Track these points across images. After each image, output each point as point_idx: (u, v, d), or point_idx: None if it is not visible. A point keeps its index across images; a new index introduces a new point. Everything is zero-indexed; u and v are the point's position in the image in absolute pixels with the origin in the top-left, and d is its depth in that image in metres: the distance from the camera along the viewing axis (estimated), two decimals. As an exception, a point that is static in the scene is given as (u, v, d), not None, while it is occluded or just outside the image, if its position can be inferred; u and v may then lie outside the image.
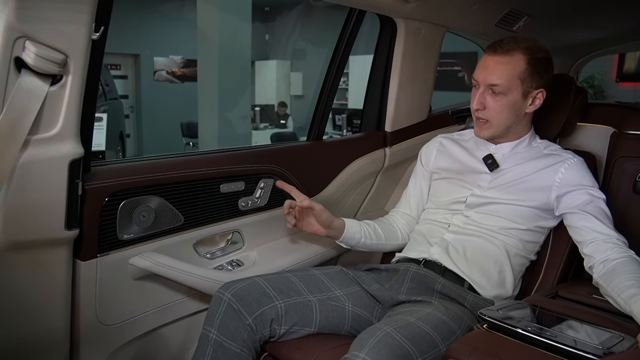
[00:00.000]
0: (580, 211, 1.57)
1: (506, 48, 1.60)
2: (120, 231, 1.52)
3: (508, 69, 1.59)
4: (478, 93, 1.63)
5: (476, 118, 1.67)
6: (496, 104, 1.62)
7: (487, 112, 1.63)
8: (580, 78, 6.98)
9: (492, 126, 1.65)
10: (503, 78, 1.59)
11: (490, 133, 1.67)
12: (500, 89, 1.59)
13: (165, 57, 10.90)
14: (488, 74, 1.60)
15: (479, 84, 1.63)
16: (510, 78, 1.59)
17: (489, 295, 1.60)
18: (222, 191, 1.75)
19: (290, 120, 9.88)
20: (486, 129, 1.66)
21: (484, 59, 1.64)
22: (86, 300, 1.49)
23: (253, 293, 1.47)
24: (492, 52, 1.62)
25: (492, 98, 1.62)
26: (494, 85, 1.59)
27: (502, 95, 1.60)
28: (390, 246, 1.88)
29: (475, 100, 1.63)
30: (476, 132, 1.70)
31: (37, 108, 1.19)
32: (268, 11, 11.72)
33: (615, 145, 1.92)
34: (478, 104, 1.63)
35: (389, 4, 1.85)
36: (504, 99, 1.61)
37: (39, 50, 1.14)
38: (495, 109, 1.62)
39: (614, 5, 2.33)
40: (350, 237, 1.81)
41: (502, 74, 1.59)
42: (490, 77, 1.60)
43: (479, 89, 1.63)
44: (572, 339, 1.14)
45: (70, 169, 1.30)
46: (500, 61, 1.60)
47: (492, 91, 1.61)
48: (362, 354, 1.16)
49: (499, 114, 1.63)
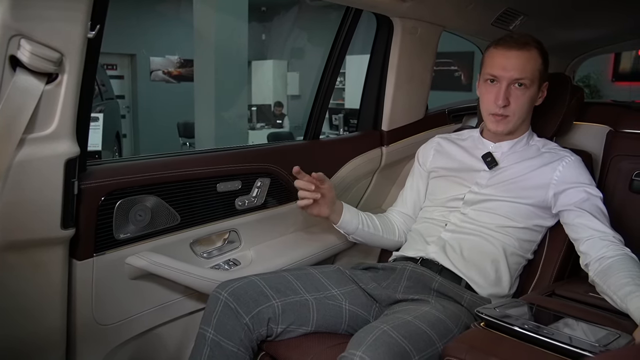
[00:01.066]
0: (577, 209, 1.57)
1: (522, 42, 1.60)
2: (116, 230, 1.52)
3: (530, 62, 1.60)
4: (502, 89, 1.60)
5: (495, 114, 1.64)
6: (520, 98, 1.61)
7: (511, 107, 1.62)
8: (576, 77, 6.98)
9: (512, 120, 1.64)
10: (528, 71, 1.59)
11: (509, 127, 1.66)
12: (526, 82, 1.60)
13: (162, 57, 10.89)
14: (512, 68, 1.59)
15: (501, 80, 1.61)
16: (533, 71, 1.60)
17: (486, 294, 1.60)
18: (218, 190, 1.75)
19: (287, 120, 9.87)
20: (506, 123, 1.64)
21: (501, 55, 1.61)
22: (82, 299, 1.48)
23: (250, 292, 1.46)
24: (507, 47, 1.60)
25: (517, 92, 1.61)
26: (520, 79, 1.59)
27: (525, 88, 1.61)
28: (386, 240, 1.88)
29: (501, 97, 1.60)
30: (492, 128, 1.67)
31: (32, 107, 1.19)
32: (265, 11, 11.72)
33: (611, 144, 1.92)
34: (504, 100, 1.60)
35: (386, 3, 1.85)
36: (527, 92, 1.61)
37: (34, 48, 1.14)
38: (519, 104, 1.62)
39: (610, 5, 2.34)
40: (349, 222, 1.80)
41: (525, 67, 1.59)
42: (516, 71, 1.59)
43: (501, 85, 1.60)
44: (569, 337, 1.14)
45: (66, 168, 1.29)
46: (521, 55, 1.59)
47: (518, 85, 1.60)
48: (360, 352, 1.16)
49: (521, 108, 1.63)
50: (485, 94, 1.66)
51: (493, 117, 1.65)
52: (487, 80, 1.64)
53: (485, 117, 1.69)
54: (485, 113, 1.68)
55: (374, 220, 1.86)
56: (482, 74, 1.67)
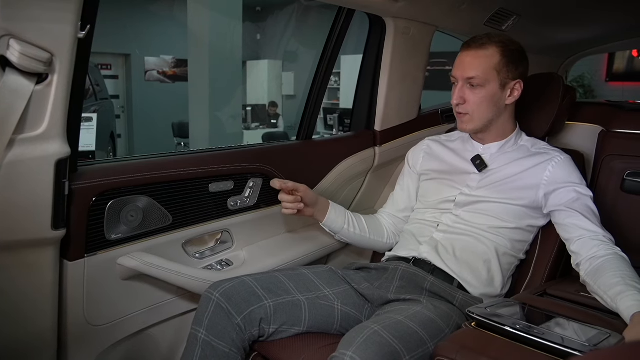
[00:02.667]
0: (567, 209, 1.57)
1: (480, 42, 1.63)
2: (108, 231, 1.51)
3: (483, 61, 1.62)
4: (457, 88, 1.66)
5: (457, 113, 1.69)
6: (475, 96, 1.64)
7: (468, 105, 1.65)
8: (570, 77, 7.00)
9: (473, 119, 1.67)
10: (479, 70, 1.61)
11: (472, 126, 1.68)
12: (477, 81, 1.62)
13: (157, 57, 10.87)
14: (465, 68, 1.63)
15: (457, 80, 1.66)
16: (486, 70, 1.62)
17: (478, 294, 1.61)
18: (211, 191, 1.75)
19: (281, 120, 9.87)
20: (467, 122, 1.68)
21: (460, 56, 1.67)
22: (74, 300, 1.48)
23: (242, 292, 1.46)
24: (466, 48, 1.65)
25: (471, 91, 1.64)
26: (471, 78, 1.62)
27: (480, 87, 1.63)
28: (373, 242, 1.88)
29: (455, 95, 1.66)
30: (459, 126, 1.72)
31: (22, 107, 1.19)
32: (259, 11, 11.71)
33: (604, 144, 1.93)
34: (458, 99, 1.65)
35: (378, 3, 1.85)
36: (482, 91, 1.63)
37: (23, 48, 1.13)
38: (475, 102, 1.64)
39: (603, 5, 2.34)
40: (333, 221, 1.82)
41: (477, 66, 1.62)
42: (467, 71, 1.63)
43: (458, 85, 1.66)
44: (560, 336, 1.15)
45: (56, 168, 1.29)
46: (476, 55, 1.63)
47: (470, 84, 1.63)
48: (350, 352, 1.16)
49: (479, 106, 1.65)
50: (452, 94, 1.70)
51: (458, 115, 1.70)
52: (453, 83, 1.69)
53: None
54: (455, 113, 1.72)
55: (361, 221, 1.86)
56: None
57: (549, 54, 2.98)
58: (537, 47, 2.71)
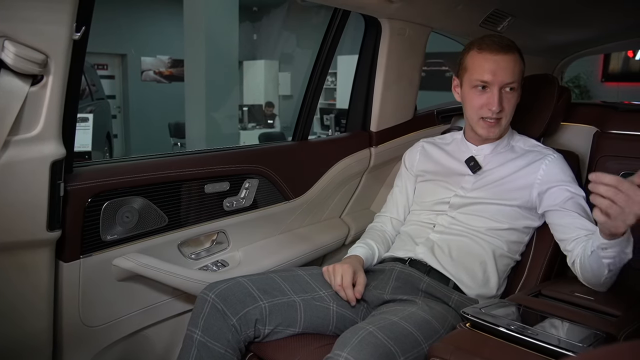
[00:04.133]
0: (561, 209, 1.58)
1: (507, 45, 1.60)
2: (103, 232, 1.51)
3: (517, 66, 1.61)
4: (495, 94, 1.59)
5: (488, 119, 1.63)
6: (511, 101, 1.63)
7: (505, 111, 1.63)
8: (566, 78, 7.03)
9: (502, 124, 1.65)
10: (516, 74, 1.61)
11: (501, 130, 1.67)
12: (515, 85, 1.61)
13: (153, 57, 10.85)
14: (504, 73, 1.59)
15: (491, 85, 1.60)
16: (519, 74, 1.62)
17: (473, 295, 1.61)
18: (206, 191, 1.75)
19: (278, 120, 9.87)
20: (497, 127, 1.65)
21: (489, 59, 1.59)
22: (69, 301, 1.48)
23: (237, 293, 1.46)
24: (494, 52, 1.59)
25: (508, 95, 1.62)
26: (511, 83, 1.60)
27: (514, 92, 1.62)
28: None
29: (496, 102, 1.59)
30: (484, 133, 1.67)
31: (17, 108, 1.19)
32: (256, 11, 11.70)
33: (598, 145, 1.93)
34: (499, 106, 1.60)
35: (373, 4, 1.85)
36: (515, 95, 1.63)
37: (18, 50, 1.13)
38: (510, 107, 1.63)
39: (599, 6, 2.35)
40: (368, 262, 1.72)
41: (513, 71, 1.60)
42: (507, 76, 1.59)
43: (493, 90, 1.60)
44: (554, 337, 1.15)
45: (51, 169, 1.29)
46: (510, 59, 1.60)
47: (509, 89, 1.61)
48: (344, 353, 1.17)
49: (512, 110, 1.65)
50: (474, 99, 1.64)
51: (484, 122, 1.65)
52: (477, 87, 1.63)
53: (474, 122, 1.68)
54: (476, 118, 1.66)
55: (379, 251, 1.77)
56: (468, 79, 1.64)
57: (545, 54, 2.99)
58: (533, 47, 2.71)
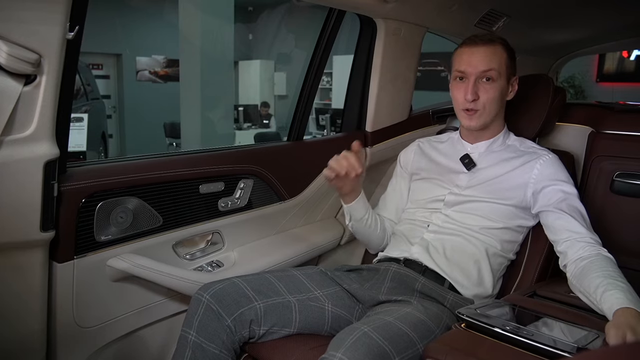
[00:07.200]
0: (555, 209, 1.58)
1: (487, 38, 1.64)
2: (97, 233, 1.51)
3: (496, 55, 1.62)
4: (470, 84, 1.62)
5: (466, 110, 1.66)
6: (488, 91, 1.63)
7: (481, 101, 1.64)
8: (561, 78, 7.03)
9: (483, 115, 1.66)
10: (494, 63, 1.62)
11: (481, 122, 1.67)
12: (493, 74, 1.61)
13: (148, 56, 10.83)
14: (479, 62, 1.61)
15: (468, 75, 1.63)
16: (500, 63, 1.63)
17: (469, 295, 1.61)
18: (201, 192, 1.75)
19: (274, 120, 9.86)
20: (477, 118, 1.66)
21: (466, 51, 1.64)
22: (63, 302, 1.47)
23: (232, 294, 1.46)
24: (472, 44, 1.64)
25: (485, 86, 1.63)
26: (488, 70, 1.61)
27: (493, 81, 1.62)
28: (378, 239, 1.86)
29: (469, 91, 1.62)
30: (465, 123, 1.69)
31: (10, 108, 1.18)
32: (251, 11, 11.69)
33: (593, 145, 1.94)
34: (473, 94, 1.62)
35: (368, 4, 1.85)
36: (495, 85, 1.63)
37: (11, 49, 1.13)
38: (488, 97, 1.63)
39: (594, 6, 2.36)
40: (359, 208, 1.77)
41: (492, 60, 1.61)
42: (483, 64, 1.61)
43: (469, 80, 1.63)
44: (548, 337, 1.15)
45: (45, 170, 1.29)
46: (487, 50, 1.62)
47: (486, 78, 1.62)
48: (339, 354, 1.16)
49: (491, 101, 1.64)
50: (455, 91, 1.68)
51: (465, 112, 1.67)
52: (457, 78, 1.67)
53: (458, 114, 1.71)
54: (458, 110, 1.70)
55: (375, 216, 1.85)
56: (452, 73, 1.69)
57: (540, 54, 2.99)
58: (528, 48, 2.72)
